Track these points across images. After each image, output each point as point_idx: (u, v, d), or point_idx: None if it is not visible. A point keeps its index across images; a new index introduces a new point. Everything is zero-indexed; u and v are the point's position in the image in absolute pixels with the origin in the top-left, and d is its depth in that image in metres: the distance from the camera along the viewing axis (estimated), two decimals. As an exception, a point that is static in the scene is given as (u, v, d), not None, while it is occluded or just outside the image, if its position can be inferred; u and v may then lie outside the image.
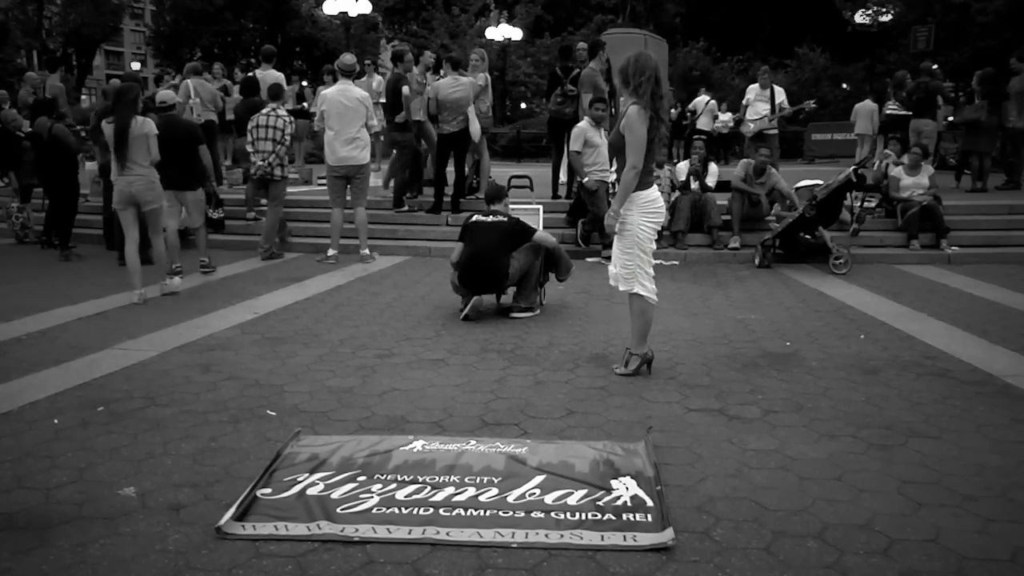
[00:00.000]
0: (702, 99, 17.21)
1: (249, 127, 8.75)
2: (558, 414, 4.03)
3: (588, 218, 8.97)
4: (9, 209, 10.26)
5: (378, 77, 12.50)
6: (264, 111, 8.68)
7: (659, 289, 4.72)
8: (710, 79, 27.08)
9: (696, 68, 28.04)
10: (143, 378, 4.59)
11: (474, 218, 6.30)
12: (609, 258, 8.65)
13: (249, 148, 8.79)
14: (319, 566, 2.58)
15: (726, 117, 17.51)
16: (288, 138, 8.62)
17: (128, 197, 6.63)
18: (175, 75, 13.44)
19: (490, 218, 6.22)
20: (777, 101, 11.13)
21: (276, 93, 8.87)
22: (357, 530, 2.78)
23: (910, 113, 11.91)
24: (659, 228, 4.70)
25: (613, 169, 4.62)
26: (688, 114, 17.58)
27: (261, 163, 8.60)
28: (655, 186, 4.64)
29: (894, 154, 9.88)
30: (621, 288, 4.62)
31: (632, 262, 4.50)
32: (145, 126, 6.57)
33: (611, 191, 4.56)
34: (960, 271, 8.25)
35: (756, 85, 11.44)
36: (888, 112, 12.56)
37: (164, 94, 8.04)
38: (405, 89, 9.54)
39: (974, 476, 3.27)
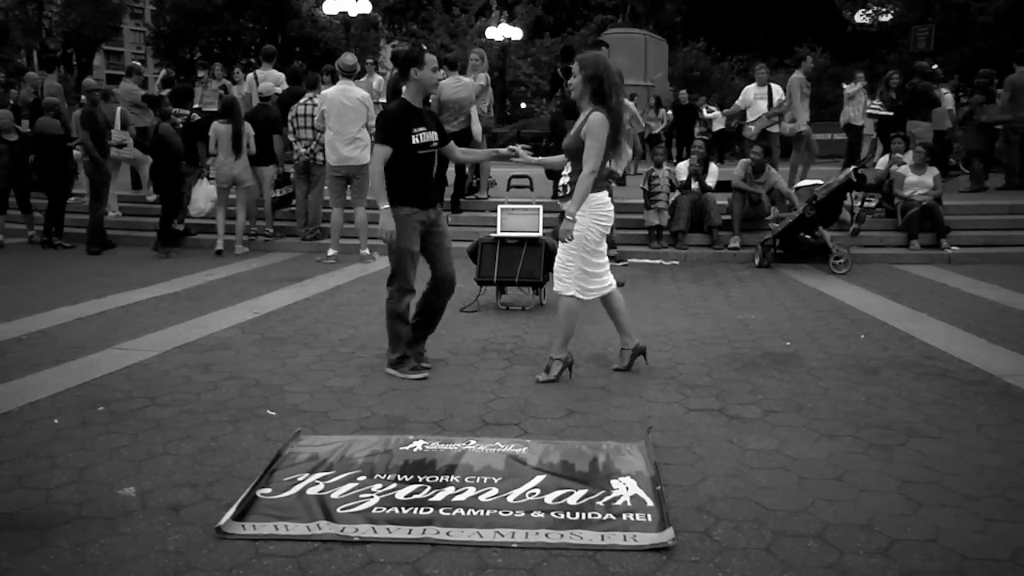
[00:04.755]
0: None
1: (290, 116, 9.28)
2: (558, 414, 4.03)
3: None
4: None
5: (379, 77, 12.49)
6: (302, 100, 9.19)
7: (660, 289, 4.74)
8: (709, 79, 27.06)
9: (696, 68, 28.02)
10: (143, 378, 4.59)
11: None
12: (610, 257, 8.72)
13: (291, 137, 9.27)
14: (319, 566, 2.58)
15: (715, 114, 17.52)
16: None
17: (230, 178, 8.91)
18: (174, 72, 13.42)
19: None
20: (776, 98, 11.10)
21: (313, 83, 9.44)
22: (357, 530, 2.78)
23: (891, 114, 11.89)
24: (608, 231, 4.61)
25: (566, 173, 4.52)
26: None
27: (303, 150, 9.18)
28: (606, 191, 4.57)
29: (900, 153, 9.85)
30: (555, 288, 4.57)
31: (573, 263, 4.43)
32: (246, 127, 8.90)
33: (563, 194, 4.48)
34: (960, 271, 8.25)
35: (754, 84, 11.42)
36: (869, 111, 12.55)
37: (265, 86, 9.97)
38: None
39: (974, 476, 3.27)
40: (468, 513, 2.91)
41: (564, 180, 4.55)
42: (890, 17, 25.06)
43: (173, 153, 8.94)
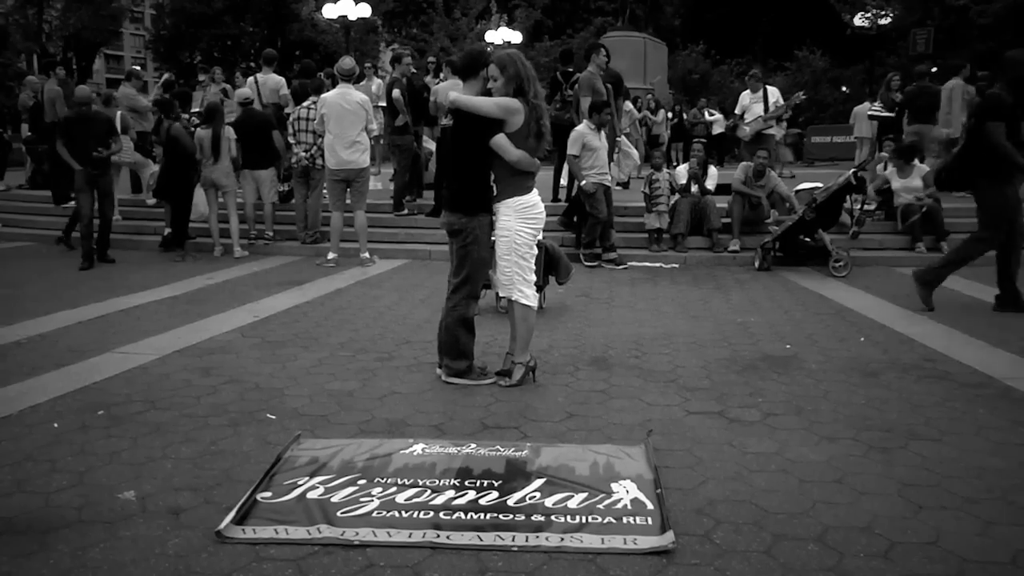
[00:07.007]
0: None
1: (291, 120, 9.32)
2: (558, 417, 4.03)
3: (588, 221, 8.99)
4: None
5: (378, 81, 12.51)
6: (305, 104, 9.20)
7: (660, 292, 4.73)
8: (709, 82, 27.08)
9: (695, 71, 28.06)
10: (143, 382, 4.59)
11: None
12: (610, 260, 8.76)
13: (291, 140, 9.29)
14: (319, 570, 2.58)
15: (717, 116, 17.57)
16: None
17: (211, 182, 8.99)
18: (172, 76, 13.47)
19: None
20: (771, 101, 11.12)
21: (319, 87, 9.44)
22: (357, 533, 2.78)
23: (892, 115, 11.90)
24: (538, 234, 4.55)
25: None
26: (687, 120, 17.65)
27: (303, 154, 9.19)
28: (535, 191, 4.53)
29: (888, 155, 9.86)
30: (501, 293, 4.59)
31: (510, 269, 4.42)
32: (228, 131, 9.02)
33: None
34: (959, 273, 8.20)
35: (748, 91, 11.44)
36: (870, 113, 12.51)
37: (241, 92, 10.07)
38: (395, 92, 9.58)
39: (975, 479, 3.26)
40: (468, 516, 2.91)
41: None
42: (889, 20, 25.11)
43: (185, 153, 8.96)
